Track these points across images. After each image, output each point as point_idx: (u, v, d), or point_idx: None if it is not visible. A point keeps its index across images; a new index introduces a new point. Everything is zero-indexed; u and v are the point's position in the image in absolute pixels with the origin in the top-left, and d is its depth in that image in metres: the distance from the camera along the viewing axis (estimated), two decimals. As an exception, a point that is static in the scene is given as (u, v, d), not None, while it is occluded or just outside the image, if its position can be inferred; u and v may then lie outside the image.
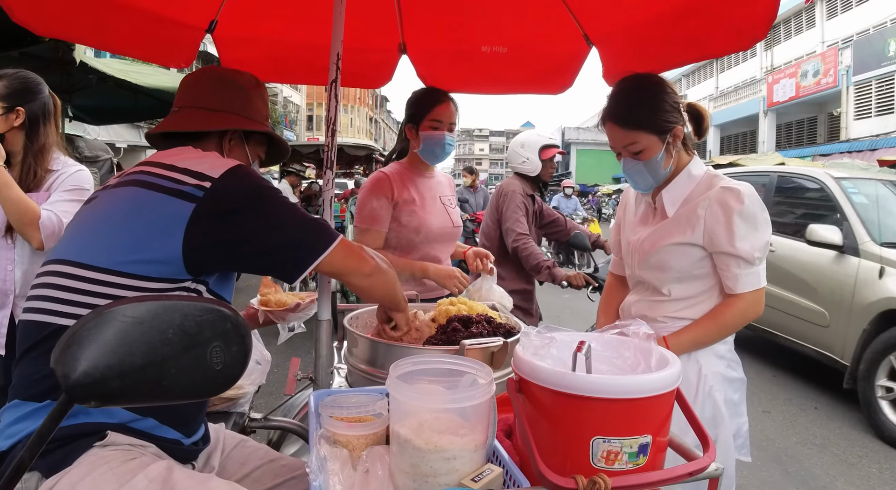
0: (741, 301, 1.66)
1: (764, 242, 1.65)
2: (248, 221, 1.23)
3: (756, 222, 1.63)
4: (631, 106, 1.73)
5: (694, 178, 1.74)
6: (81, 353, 0.45)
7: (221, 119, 1.49)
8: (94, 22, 1.99)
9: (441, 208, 2.51)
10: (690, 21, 1.91)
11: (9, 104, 2.16)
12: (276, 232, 1.26)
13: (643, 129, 1.69)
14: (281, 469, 1.44)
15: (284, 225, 1.27)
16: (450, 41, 2.58)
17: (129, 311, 0.47)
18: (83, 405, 0.47)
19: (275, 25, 2.48)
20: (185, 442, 1.28)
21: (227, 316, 0.51)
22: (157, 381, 0.48)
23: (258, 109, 1.57)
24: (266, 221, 1.25)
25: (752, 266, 1.64)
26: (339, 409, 1.12)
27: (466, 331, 1.63)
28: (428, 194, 2.47)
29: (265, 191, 1.28)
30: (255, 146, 1.59)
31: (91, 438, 1.12)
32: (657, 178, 1.75)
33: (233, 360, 0.51)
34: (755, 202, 1.64)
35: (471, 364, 1.09)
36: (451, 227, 2.53)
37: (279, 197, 1.30)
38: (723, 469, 1.05)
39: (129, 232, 1.19)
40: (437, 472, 0.94)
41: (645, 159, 1.71)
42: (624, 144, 1.74)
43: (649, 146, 1.70)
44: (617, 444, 0.96)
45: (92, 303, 1.16)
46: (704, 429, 1.08)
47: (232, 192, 1.24)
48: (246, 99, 1.54)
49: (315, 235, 1.30)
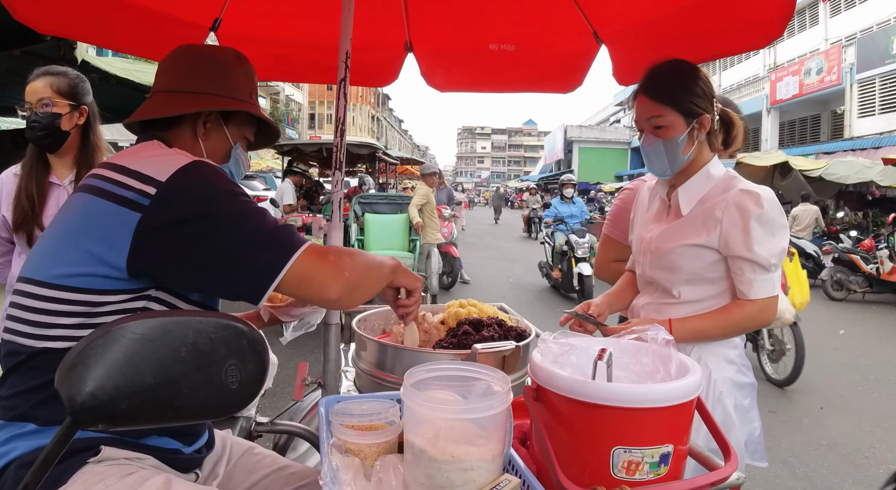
0: (753, 306, 1.63)
1: (781, 248, 1.62)
2: (196, 233, 1.09)
3: (774, 227, 1.60)
4: (664, 81, 1.70)
5: (712, 178, 1.71)
6: (87, 373, 0.42)
7: (193, 101, 1.35)
8: (98, 20, 1.97)
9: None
10: (703, 19, 1.87)
11: (75, 102, 2.17)
12: (228, 244, 1.10)
13: (671, 106, 1.67)
14: (290, 477, 1.41)
15: (238, 236, 1.11)
16: (457, 39, 2.55)
17: (138, 328, 0.44)
18: (90, 429, 0.44)
19: (279, 24, 2.45)
20: (186, 451, 1.24)
21: (242, 332, 0.48)
22: (168, 402, 0.44)
23: (239, 86, 1.41)
24: (215, 234, 1.09)
25: (768, 272, 1.61)
26: (349, 417, 1.09)
27: (478, 334, 1.60)
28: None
29: (217, 195, 1.13)
30: (238, 127, 1.44)
31: (84, 455, 1.08)
32: (674, 163, 1.71)
33: (249, 378, 0.48)
34: (774, 207, 1.61)
35: (486, 371, 1.06)
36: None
37: (235, 202, 1.14)
38: (744, 478, 1.03)
39: (74, 245, 1.11)
40: (454, 483, 0.91)
41: (665, 137, 1.68)
42: (649, 116, 1.70)
43: (673, 124, 1.67)
44: (638, 454, 0.93)
45: (50, 322, 1.10)
46: (726, 438, 1.05)
47: (179, 199, 1.10)
48: (222, 75, 1.39)
49: (276, 246, 1.13)
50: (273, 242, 1.12)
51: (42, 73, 2.16)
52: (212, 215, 1.10)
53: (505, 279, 11.06)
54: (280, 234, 1.14)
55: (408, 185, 20.63)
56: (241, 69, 1.44)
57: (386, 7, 2.38)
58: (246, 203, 1.16)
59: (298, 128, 38.29)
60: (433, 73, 2.63)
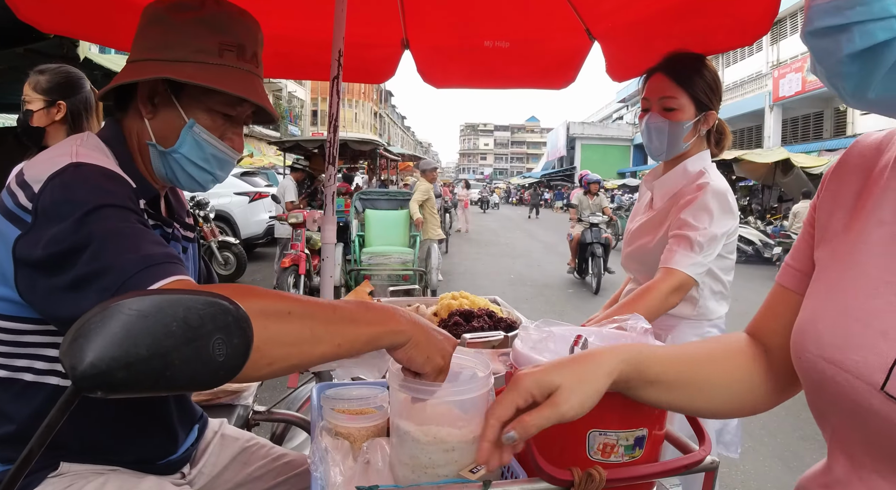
0: (668, 278, 1.62)
1: (712, 234, 1.64)
2: (51, 259, 0.89)
3: (712, 214, 1.64)
4: (689, 68, 1.75)
5: (687, 174, 1.76)
6: (88, 345, 0.47)
7: (126, 72, 1.12)
8: (100, 19, 2.01)
9: None
10: (693, 17, 1.91)
11: (50, 98, 2.19)
12: (80, 265, 0.87)
13: (688, 91, 1.72)
14: (284, 467, 1.43)
15: (99, 253, 0.87)
16: (452, 36, 2.59)
17: (135, 305, 0.49)
18: (90, 395, 0.49)
19: (279, 21, 2.49)
20: (161, 461, 1.22)
21: (228, 309, 0.53)
22: (161, 372, 0.49)
23: (185, 43, 1.10)
24: (73, 255, 0.87)
25: (691, 250, 1.62)
26: (340, 402, 1.14)
27: (468, 325, 1.65)
28: None
29: (81, 210, 0.90)
30: (198, 99, 1.14)
31: (44, 471, 1.07)
32: (672, 147, 1.76)
33: (234, 352, 0.52)
34: (719, 197, 1.65)
35: (469, 357, 1.10)
36: None
37: (101, 221, 0.90)
38: (718, 462, 1.06)
39: None
40: (436, 463, 0.95)
41: (673, 119, 1.73)
42: (662, 95, 1.75)
43: (684, 108, 1.73)
44: (613, 436, 0.97)
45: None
46: (700, 422, 1.09)
47: (47, 214, 0.91)
48: (164, 33, 1.11)
49: (110, 281, 0.84)
50: (107, 276, 0.85)
51: (33, 72, 2.22)
52: (70, 233, 0.88)
53: (505, 276, 11.12)
54: (128, 267, 0.85)
55: (409, 181, 20.56)
56: (197, 18, 1.12)
57: (382, 5, 2.42)
58: (116, 221, 0.92)
59: (301, 124, 38.34)
60: (429, 70, 2.68)
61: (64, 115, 2.21)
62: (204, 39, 1.11)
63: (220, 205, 10.36)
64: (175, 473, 1.28)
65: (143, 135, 1.16)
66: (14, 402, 1.06)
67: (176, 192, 1.39)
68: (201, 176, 1.20)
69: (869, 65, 0.59)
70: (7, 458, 1.07)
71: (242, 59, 1.16)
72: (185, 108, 1.14)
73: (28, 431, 1.03)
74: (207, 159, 1.18)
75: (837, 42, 0.61)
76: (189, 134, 1.14)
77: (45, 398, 1.06)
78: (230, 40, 1.14)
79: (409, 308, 1.79)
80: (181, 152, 1.15)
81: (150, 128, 1.15)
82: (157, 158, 1.17)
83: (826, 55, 0.63)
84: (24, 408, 1.05)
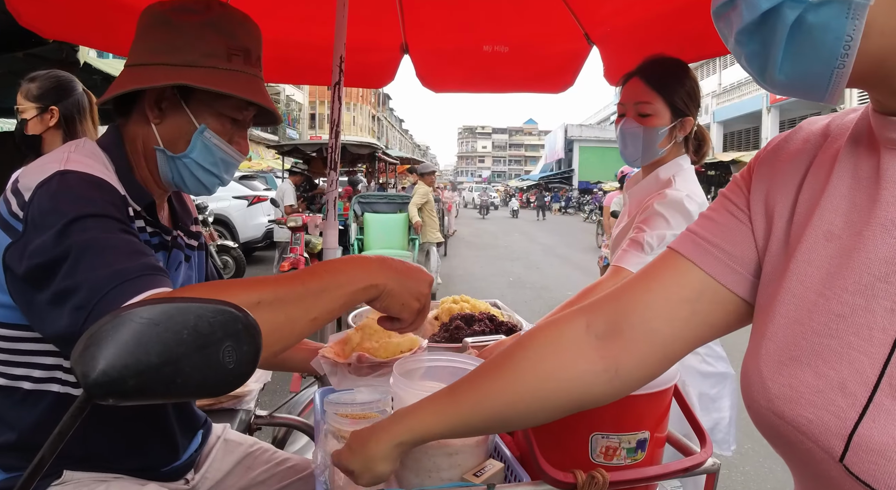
0: (615, 275, 1.62)
1: (661, 234, 1.62)
2: (34, 271, 0.89)
3: (664, 218, 1.63)
4: (666, 73, 1.74)
5: (659, 182, 1.76)
6: (100, 353, 0.48)
7: (130, 77, 1.10)
8: (101, 25, 2.02)
9: None
10: (689, 21, 1.93)
11: (42, 105, 2.19)
12: (58, 279, 0.86)
13: (664, 96, 1.71)
14: (287, 471, 1.43)
15: (75, 268, 0.85)
16: (451, 41, 2.60)
17: (146, 313, 0.50)
18: (102, 402, 0.49)
19: (279, 26, 2.50)
20: (164, 468, 1.23)
21: (238, 317, 0.53)
22: (172, 380, 0.50)
23: (195, 47, 1.09)
24: (53, 268, 0.87)
25: (641, 250, 1.62)
26: (344, 406, 1.14)
27: (469, 328, 1.65)
28: None
29: (62, 220, 0.89)
30: (207, 104, 1.13)
31: (48, 479, 1.07)
32: (647, 153, 1.76)
33: (244, 359, 0.53)
34: (675, 204, 1.64)
35: (472, 361, 1.11)
36: None
37: (81, 233, 0.89)
38: (719, 464, 1.07)
39: None
40: (440, 466, 0.96)
41: (648, 125, 1.73)
42: (637, 101, 1.74)
43: (659, 114, 1.72)
44: (615, 439, 0.98)
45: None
46: (702, 425, 1.10)
47: (35, 224, 0.91)
48: (170, 36, 1.09)
49: (85, 295, 0.83)
50: (80, 293, 0.84)
51: (23, 81, 2.23)
52: (57, 241, 0.88)
53: (504, 278, 11.13)
54: (102, 284, 0.84)
55: (406, 184, 20.48)
56: (204, 21, 1.10)
57: (382, 10, 2.43)
58: (103, 231, 0.91)
59: (299, 128, 38.38)
60: (428, 74, 2.69)
61: (58, 120, 2.22)
62: (212, 44, 1.10)
63: (219, 208, 10.35)
64: (179, 480, 1.28)
65: (149, 140, 1.15)
66: (15, 411, 1.05)
67: (182, 200, 1.37)
68: (209, 179, 1.20)
69: (766, 39, 0.55)
70: (9, 466, 1.06)
71: (248, 63, 1.16)
72: (195, 112, 1.13)
73: (30, 440, 1.04)
74: (216, 163, 1.18)
75: (730, 20, 0.58)
76: (200, 139, 1.14)
77: (47, 407, 1.05)
78: (237, 44, 1.14)
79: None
80: (192, 157, 1.15)
81: (157, 133, 1.13)
82: (165, 163, 1.16)
83: (728, 36, 0.59)
84: (27, 416, 1.05)
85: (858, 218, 0.60)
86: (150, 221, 1.17)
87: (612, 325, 0.76)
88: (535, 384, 0.77)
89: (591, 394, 0.77)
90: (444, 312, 1.82)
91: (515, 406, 0.78)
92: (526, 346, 0.80)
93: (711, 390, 1.77)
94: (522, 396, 0.78)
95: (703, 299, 0.73)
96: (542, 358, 0.78)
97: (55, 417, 0.75)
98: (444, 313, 1.81)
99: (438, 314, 1.83)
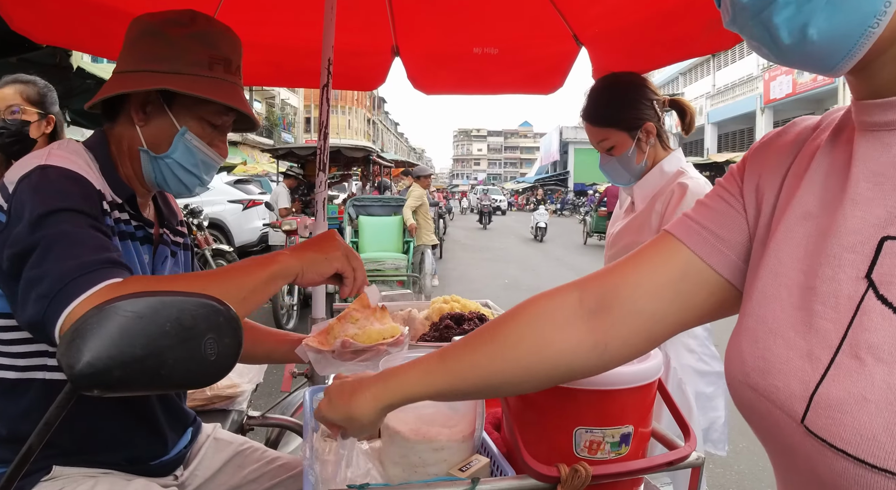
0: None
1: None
2: (11, 260, 0.95)
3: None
4: (600, 104, 1.79)
5: (665, 174, 1.78)
6: (85, 345, 0.49)
7: (118, 82, 1.17)
8: (94, 29, 2.03)
9: None
10: (676, 22, 1.95)
11: (43, 110, 2.20)
12: (27, 268, 0.92)
13: (612, 126, 1.76)
14: (278, 469, 1.44)
15: (42, 259, 0.91)
16: (442, 43, 2.62)
17: (130, 306, 0.51)
18: (87, 393, 0.51)
19: (271, 30, 2.52)
20: (153, 462, 1.25)
21: (219, 310, 0.55)
22: (156, 371, 0.52)
23: (179, 56, 1.16)
24: (25, 258, 0.93)
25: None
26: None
27: (458, 328, 1.67)
28: None
29: (37, 212, 0.95)
30: (189, 108, 1.20)
31: (37, 475, 1.09)
32: (632, 173, 1.80)
33: (226, 351, 0.54)
34: (699, 190, 1.65)
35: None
36: None
37: (53, 226, 0.95)
38: (704, 458, 1.08)
39: None
40: (426, 462, 0.97)
41: (616, 155, 1.77)
42: (597, 141, 1.81)
43: (619, 142, 1.76)
44: (599, 434, 0.99)
45: None
46: (685, 418, 1.11)
47: (17, 215, 0.97)
48: (158, 46, 1.17)
49: (73, 276, 0.88)
50: (44, 283, 0.90)
51: (11, 80, 2.21)
52: (31, 231, 0.94)
53: (500, 280, 11.15)
54: (64, 275, 0.89)
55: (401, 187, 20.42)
56: (190, 33, 1.18)
57: (373, 13, 2.45)
58: (74, 227, 0.97)
59: (294, 131, 38.35)
60: (419, 77, 2.70)
61: (52, 128, 2.23)
62: (196, 54, 1.18)
63: (214, 213, 10.33)
64: (168, 476, 1.30)
65: (133, 141, 1.22)
66: (2, 402, 1.08)
67: (167, 201, 1.42)
68: (190, 180, 1.26)
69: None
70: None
71: (229, 71, 1.23)
72: (177, 116, 1.20)
73: (17, 432, 1.06)
74: (197, 164, 1.25)
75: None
76: (181, 141, 1.21)
77: (34, 396, 1.07)
78: (219, 54, 1.21)
79: (402, 313, 1.81)
80: (173, 157, 1.22)
81: (141, 135, 1.21)
82: (148, 163, 1.23)
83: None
84: (13, 407, 1.07)
85: (833, 197, 0.61)
86: (133, 215, 1.23)
87: (603, 301, 0.78)
88: (526, 354, 0.79)
89: (580, 367, 0.80)
90: (434, 312, 1.83)
91: (504, 374, 0.80)
92: (520, 315, 0.82)
93: (707, 389, 1.79)
94: (512, 364, 0.80)
95: (687, 279, 0.75)
96: (534, 329, 0.80)
97: (42, 406, 0.83)
98: (434, 313, 1.83)
99: (429, 314, 1.84)
